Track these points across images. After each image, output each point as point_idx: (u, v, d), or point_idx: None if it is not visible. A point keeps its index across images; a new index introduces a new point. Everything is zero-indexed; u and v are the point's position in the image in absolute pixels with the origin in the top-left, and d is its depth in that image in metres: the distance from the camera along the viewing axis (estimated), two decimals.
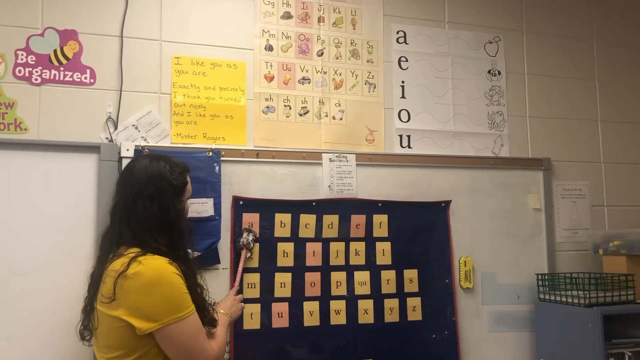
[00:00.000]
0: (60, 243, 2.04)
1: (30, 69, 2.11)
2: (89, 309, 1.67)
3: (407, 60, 2.64)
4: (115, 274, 1.56)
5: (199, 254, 2.11)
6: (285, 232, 2.31)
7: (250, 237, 2.22)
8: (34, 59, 2.12)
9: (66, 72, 2.15)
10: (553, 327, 2.44)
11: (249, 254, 2.21)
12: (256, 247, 2.25)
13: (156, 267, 1.58)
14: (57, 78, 2.14)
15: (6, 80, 2.08)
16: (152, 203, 1.68)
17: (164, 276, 1.58)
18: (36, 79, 2.12)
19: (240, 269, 2.16)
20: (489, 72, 2.77)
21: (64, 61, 2.16)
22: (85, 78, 2.17)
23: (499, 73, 2.79)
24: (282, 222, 2.31)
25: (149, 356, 1.57)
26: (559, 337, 2.41)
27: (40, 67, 2.13)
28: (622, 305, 2.34)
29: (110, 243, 1.69)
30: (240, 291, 2.16)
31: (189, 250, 1.84)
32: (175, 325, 1.55)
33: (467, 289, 2.55)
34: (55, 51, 2.15)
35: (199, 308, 1.65)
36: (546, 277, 2.56)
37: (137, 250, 1.62)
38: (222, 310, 1.91)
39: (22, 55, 2.11)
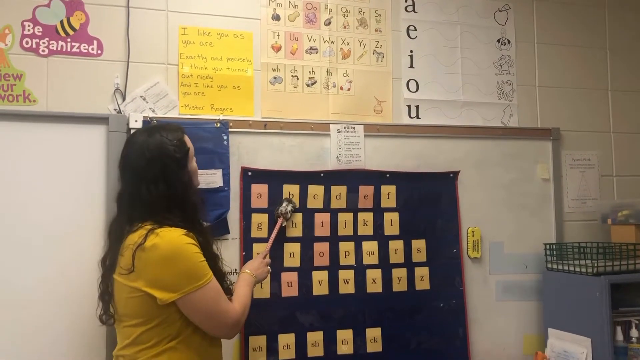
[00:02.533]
0: (71, 214, 2.05)
1: (38, 40, 2.10)
2: (104, 291, 1.73)
3: (415, 29, 2.61)
4: (133, 246, 1.58)
5: (208, 224, 2.12)
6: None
7: (289, 207, 2.26)
8: (40, 30, 2.11)
9: (73, 43, 2.15)
10: (561, 296, 2.46)
11: (284, 223, 2.24)
12: (264, 218, 2.27)
13: (172, 239, 1.59)
14: (64, 49, 2.13)
15: (14, 52, 2.08)
16: (157, 185, 1.65)
17: (180, 248, 1.59)
18: (43, 50, 2.11)
19: (273, 235, 2.19)
20: (498, 41, 2.74)
21: (70, 32, 2.14)
22: (92, 49, 2.17)
23: (509, 42, 2.75)
24: (291, 193, 2.31)
25: (167, 323, 1.60)
26: (566, 305, 2.42)
27: (47, 39, 2.12)
28: (629, 274, 2.34)
29: (122, 231, 1.68)
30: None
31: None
32: (195, 293, 1.58)
33: (474, 259, 2.56)
34: (61, 22, 2.14)
35: (216, 278, 1.67)
36: (554, 246, 2.56)
37: (153, 223, 1.63)
38: (248, 271, 1.93)
39: (28, 26, 2.10)
